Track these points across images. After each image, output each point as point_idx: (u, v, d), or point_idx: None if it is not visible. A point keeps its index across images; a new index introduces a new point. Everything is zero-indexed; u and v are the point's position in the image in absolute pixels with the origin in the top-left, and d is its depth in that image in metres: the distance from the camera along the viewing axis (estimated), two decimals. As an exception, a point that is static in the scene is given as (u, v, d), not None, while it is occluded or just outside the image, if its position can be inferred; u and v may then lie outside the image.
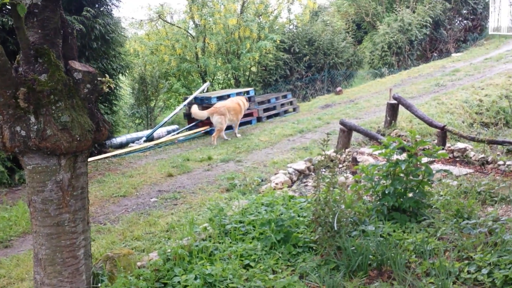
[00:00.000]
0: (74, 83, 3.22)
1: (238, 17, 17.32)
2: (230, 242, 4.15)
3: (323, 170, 4.45)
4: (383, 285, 3.26)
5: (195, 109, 10.64)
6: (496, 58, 17.48)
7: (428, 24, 21.27)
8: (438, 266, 3.30)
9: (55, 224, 3.21)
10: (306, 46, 18.74)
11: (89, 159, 8.64)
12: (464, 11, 23.40)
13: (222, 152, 9.07)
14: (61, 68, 3.14)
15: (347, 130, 7.86)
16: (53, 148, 3.08)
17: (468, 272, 3.31)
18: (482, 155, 6.67)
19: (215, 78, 18.60)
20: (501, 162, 6.31)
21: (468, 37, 23.58)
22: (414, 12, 21.69)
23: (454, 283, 3.22)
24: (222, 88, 18.22)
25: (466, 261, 3.45)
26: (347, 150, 7.63)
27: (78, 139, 3.16)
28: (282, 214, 4.41)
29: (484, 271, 3.25)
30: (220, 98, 11.86)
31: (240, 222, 4.53)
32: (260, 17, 18.69)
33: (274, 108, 13.40)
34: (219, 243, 4.15)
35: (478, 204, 4.67)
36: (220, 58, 17.85)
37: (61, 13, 3.18)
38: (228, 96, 12.06)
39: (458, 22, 23.78)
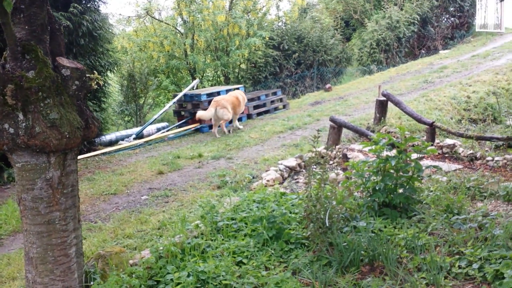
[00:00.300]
0: (62, 79, 3.19)
1: (227, 13, 17.27)
2: (223, 239, 4.14)
3: (314, 166, 4.45)
4: (375, 280, 3.28)
5: (200, 112, 10.48)
6: (483, 55, 17.66)
7: (416, 21, 21.42)
8: (430, 261, 3.33)
9: (46, 222, 3.19)
10: (295, 43, 18.75)
11: (79, 157, 8.56)
12: (451, 9, 23.59)
13: (213, 149, 9.05)
14: (49, 65, 3.10)
15: (337, 126, 7.89)
16: (42, 145, 3.05)
17: (459, 267, 3.34)
18: (471, 151, 6.73)
19: (204, 75, 18.52)
20: (489, 158, 6.38)
21: (455, 34, 23.78)
22: (402, 9, 21.81)
23: (445, 278, 3.25)
24: (211, 85, 18.17)
25: (457, 256, 3.48)
26: (337, 146, 7.65)
27: (67, 136, 3.13)
28: (273, 210, 4.42)
29: (475, 265, 3.29)
30: (210, 95, 11.82)
31: (232, 219, 4.52)
32: (248, 13, 18.63)
33: (264, 105, 13.39)
34: (211, 240, 4.14)
35: (468, 200, 4.71)
36: (209, 55, 17.78)
37: (48, 9, 3.15)
38: (218, 93, 12.03)
39: (445, 19, 23.98)
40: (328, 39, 19.69)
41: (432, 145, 7.00)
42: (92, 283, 3.46)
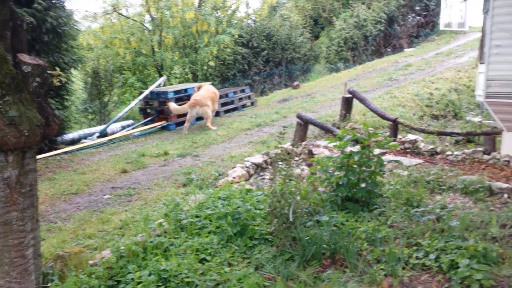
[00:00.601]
0: (22, 76, 3.11)
1: (196, 10, 17.15)
2: (186, 237, 4.12)
3: (280, 163, 4.49)
4: (336, 272, 3.33)
5: (173, 105, 10.57)
6: (446, 53, 18.17)
7: (383, 20, 21.84)
8: (388, 252, 3.41)
9: (2, 222, 3.10)
10: (264, 41, 18.81)
11: (40, 156, 8.36)
12: (417, 8, 24.18)
13: (179, 147, 8.98)
14: (9, 61, 3.03)
15: (304, 123, 7.96)
16: (0, 144, 2.97)
17: (417, 258, 3.43)
18: (432, 146, 6.92)
19: (172, 72, 18.35)
20: (449, 153, 6.58)
21: (421, 32, 24.38)
22: (369, 8, 22.19)
23: (403, 268, 3.34)
24: (179, 83, 18.02)
25: (415, 247, 3.58)
26: (303, 143, 7.73)
27: (27, 134, 3.06)
28: (238, 207, 4.42)
29: (432, 256, 3.39)
30: (177, 92, 11.74)
31: (197, 216, 4.50)
32: (218, 11, 18.57)
33: (232, 102, 13.39)
34: (175, 238, 4.11)
35: (427, 193, 4.85)
36: (177, 52, 17.63)
37: (10, 5, 3.07)
38: (185, 90, 11.96)
39: (411, 18, 24.56)
40: (296, 37, 19.85)
41: (394, 140, 7.16)
42: (49, 284, 3.38)
